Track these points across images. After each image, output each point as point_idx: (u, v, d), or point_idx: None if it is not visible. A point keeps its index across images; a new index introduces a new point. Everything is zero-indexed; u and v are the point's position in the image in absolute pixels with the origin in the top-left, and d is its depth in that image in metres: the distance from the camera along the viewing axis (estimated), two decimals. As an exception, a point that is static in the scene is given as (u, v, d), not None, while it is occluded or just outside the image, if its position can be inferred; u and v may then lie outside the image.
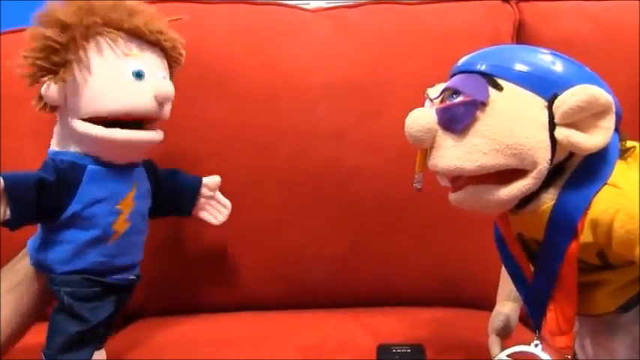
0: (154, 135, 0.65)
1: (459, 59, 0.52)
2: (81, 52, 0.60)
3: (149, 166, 0.71)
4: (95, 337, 0.64)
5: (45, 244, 0.63)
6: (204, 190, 0.76)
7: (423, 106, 0.52)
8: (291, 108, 0.85)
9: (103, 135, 0.60)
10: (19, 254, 0.67)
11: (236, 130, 0.85)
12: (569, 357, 0.51)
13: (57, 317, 0.62)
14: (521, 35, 0.89)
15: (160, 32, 0.64)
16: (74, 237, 0.62)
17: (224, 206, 0.78)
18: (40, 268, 0.64)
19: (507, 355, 0.55)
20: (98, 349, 0.66)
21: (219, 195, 0.78)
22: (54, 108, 0.64)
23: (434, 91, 0.52)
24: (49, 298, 0.65)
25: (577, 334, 0.54)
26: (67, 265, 0.62)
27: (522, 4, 0.90)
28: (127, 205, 0.64)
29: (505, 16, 0.89)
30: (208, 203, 0.77)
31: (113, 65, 0.61)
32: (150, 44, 0.64)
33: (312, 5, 0.96)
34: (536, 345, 0.53)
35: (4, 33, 0.91)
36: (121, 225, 0.64)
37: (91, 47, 0.60)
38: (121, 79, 0.61)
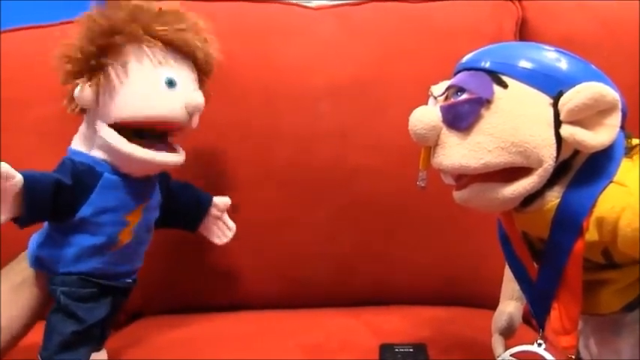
0: (175, 157, 0.65)
1: (462, 57, 0.51)
2: (119, 58, 0.60)
3: (163, 178, 0.71)
4: (91, 338, 0.63)
5: (49, 242, 0.63)
6: (212, 210, 0.76)
7: (426, 104, 0.52)
8: (294, 107, 0.85)
9: (125, 150, 0.60)
10: (21, 255, 0.67)
11: (238, 129, 0.85)
12: (573, 357, 0.51)
13: (53, 318, 0.62)
14: (524, 33, 0.89)
15: (197, 47, 0.64)
16: (79, 241, 0.62)
17: (229, 228, 0.77)
18: (39, 264, 0.64)
19: (511, 355, 0.55)
20: (98, 349, 0.66)
21: (226, 217, 0.77)
22: (84, 110, 0.64)
23: (438, 89, 0.51)
24: (50, 299, 0.65)
25: (581, 334, 0.53)
26: (66, 267, 0.62)
27: (525, 2, 0.90)
28: (136, 217, 0.64)
29: (508, 14, 0.88)
30: (215, 223, 0.77)
31: (148, 73, 0.61)
32: (183, 55, 0.64)
33: (315, 3, 0.95)
34: (540, 344, 0.53)
35: (4, 32, 0.91)
36: (126, 235, 0.64)
37: (129, 54, 0.61)
38: (153, 86, 0.61)
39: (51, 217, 0.61)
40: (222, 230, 0.77)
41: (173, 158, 0.64)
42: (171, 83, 0.61)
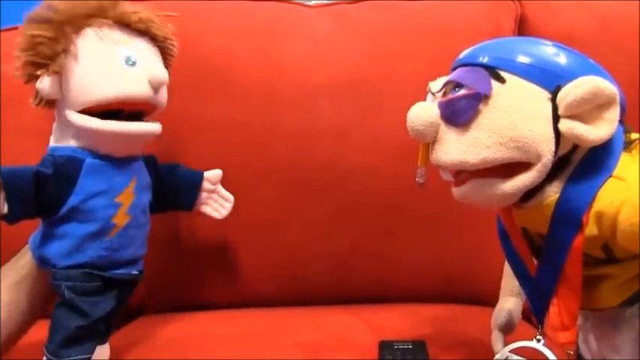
0: (150, 126, 0.65)
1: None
2: (70, 44, 0.60)
3: (150, 160, 0.71)
4: (96, 332, 0.63)
5: (45, 238, 0.63)
6: (205, 184, 0.76)
7: (425, 100, 0.52)
8: (292, 105, 0.85)
9: (99, 127, 0.60)
10: (22, 251, 0.67)
11: (236, 127, 0.85)
12: (572, 352, 0.50)
13: (58, 312, 0.62)
14: (523, 31, 0.89)
15: (150, 20, 0.64)
16: (74, 231, 0.62)
17: (226, 200, 0.77)
18: (42, 263, 0.64)
19: (510, 351, 0.55)
20: (101, 343, 0.66)
21: (220, 188, 0.77)
22: (51, 103, 0.64)
23: (436, 85, 0.51)
24: (51, 296, 0.65)
25: (581, 329, 0.53)
26: (67, 259, 0.62)
27: (524, 0, 0.90)
28: (127, 198, 0.64)
29: (507, 12, 0.88)
30: (210, 197, 0.77)
31: (104, 54, 0.61)
32: (140, 33, 0.64)
33: (313, 2, 0.96)
34: (539, 340, 0.53)
35: (4, 30, 0.91)
36: (120, 218, 0.63)
37: (81, 38, 0.61)
38: (113, 66, 0.61)
39: (38, 211, 0.61)
40: (219, 203, 0.77)
41: (148, 127, 0.64)
42: (130, 60, 0.61)
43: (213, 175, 0.76)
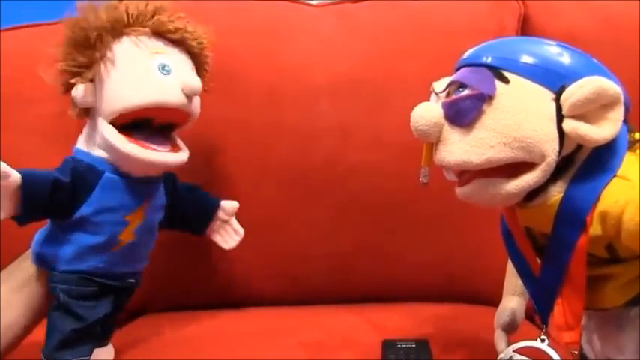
0: (174, 158, 0.64)
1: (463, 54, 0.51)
2: (107, 51, 0.60)
3: (170, 178, 0.71)
4: (92, 335, 0.63)
5: (51, 239, 0.63)
6: (220, 214, 0.76)
7: (428, 101, 0.52)
8: (294, 104, 0.85)
9: (122, 149, 0.60)
10: (24, 254, 0.66)
11: (239, 126, 0.85)
12: (576, 352, 0.51)
13: (53, 315, 0.62)
14: (526, 31, 0.88)
15: (185, 31, 0.65)
16: (79, 239, 0.62)
17: (236, 232, 0.77)
18: (40, 262, 0.64)
19: (514, 350, 0.55)
20: (104, 344, 0.66)
21: (233, 221, 0.77)
22: (87, 111, 0.64)
23: (440, 85, 0.51)
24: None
25: (584, 328, 0.53)
26: (67, 265, 0.62)
27: (527, 0, 0.90)
28: (137, 218, 0.64)
29: (510, 11, 0.88)
30: (222, 227, 0.77)
31: (139, 62, 0.61)
32: (175, 44, 0.65)
33: (316, 1, 0.95)
34: (543, 340, 0.53)
35: (4, 31, 0.91)
36: (126, 236, 0.64)
37: (117, 46, 0.61)
38: (147, 73, 0.61)
39: (50, 215, 0.61)
40: (229, 234, 0.77)
41: (172, 158, 0.64)
42: (164, 68, 0.61)
43: (229, 206, 0.76)
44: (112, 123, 0.61)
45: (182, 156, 0.66)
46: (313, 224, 0.85)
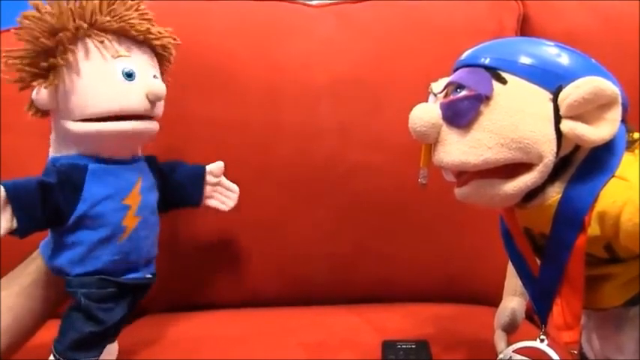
0: (148, 125, 0.64)
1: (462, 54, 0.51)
2: (69, 56, 0.59)
3: (151, 160, 0.71)
4: (107, 338, 0.64)
5: (57, 248, 0.62)
6: (209, 178, 0.76)
7: (426, 101, 0.52)
8: (294, 105, 0.85)
9: (99, 129, 0.60)
10: (31, 256, 0.67)
11: (238, 127, 0.85)
12: (575, 352, 0.50)
13: (73, 315, 0.62)
14: (526, 31, 0.88)
15: (149, 32, 0.64)
16: (85, 238, 0.61)
17: (231, 191, 0.77)
18: (57, 273, 0.63)
19: (513, 351, 0.55)
20: (110, 342, 0.66)
21: (224, 180, 0.77)
22: (46, 112, 0.64)
23: (438, 86, 0.51)
24: (61, 301, 0.65)
25: (584, 328, 0.53)
26: (80, 267, 0.62)
27: (526, 0, 0.90)
28: (134, 200, 0.64)
29: (509, 11, 0.88)
30: (215, 190, 0.77)
31: (103, 67, 0.61)
32: (139, 43, 0.64)
33: (315, 1, 0.96)
34: (542, 340, 0.53)
35: (4, 31, 0.91)
36: (130, 221, 0.63)
37: (80, 50, 0.60)
38: (111, 80, 0.60)
39: (48, 222, 0.61)
40: (225, 195, 0.77)
41: (147, 125, 0.64)
42: (129, 75, 0.61)
43: (215, 167, 0.76)
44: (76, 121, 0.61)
45: (154, 123, 0.65)
46: (313, 224, 0.85)
